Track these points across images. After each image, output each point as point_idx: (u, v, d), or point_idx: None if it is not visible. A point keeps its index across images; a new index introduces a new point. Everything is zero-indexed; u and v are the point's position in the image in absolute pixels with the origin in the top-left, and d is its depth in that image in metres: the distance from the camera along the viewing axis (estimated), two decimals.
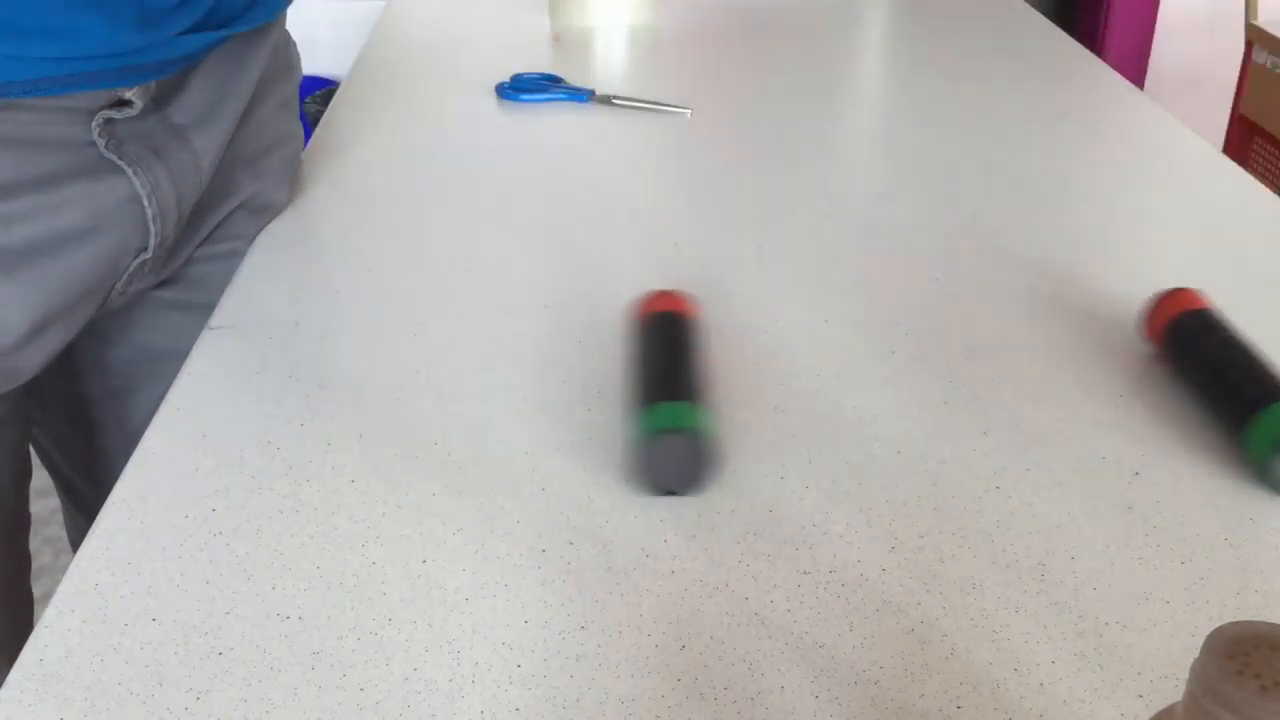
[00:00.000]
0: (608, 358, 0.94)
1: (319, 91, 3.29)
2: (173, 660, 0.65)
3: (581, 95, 1.45)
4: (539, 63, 1.58)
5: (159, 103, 0.94)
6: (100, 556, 0.72)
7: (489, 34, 1.75)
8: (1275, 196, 1.26)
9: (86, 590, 0.70)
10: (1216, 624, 0.57)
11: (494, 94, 1.48)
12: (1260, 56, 2.79)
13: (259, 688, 0.63)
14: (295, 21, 1.13)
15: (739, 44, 1.75)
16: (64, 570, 0.73)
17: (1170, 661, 0.67)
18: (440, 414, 0.86)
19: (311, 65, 3.20)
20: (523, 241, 1.11)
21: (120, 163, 0.91)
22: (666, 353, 0.87)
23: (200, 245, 1.05)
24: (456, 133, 1.38)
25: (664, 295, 0.93)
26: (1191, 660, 0.42)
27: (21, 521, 1.08)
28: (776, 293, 1.04)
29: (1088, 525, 0.77)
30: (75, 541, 1.30)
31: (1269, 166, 2.85)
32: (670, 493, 0.78)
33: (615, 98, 1.44)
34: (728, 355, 0.95)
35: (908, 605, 0.70)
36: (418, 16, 1.83)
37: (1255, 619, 0.48)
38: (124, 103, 0.91)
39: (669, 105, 1.43)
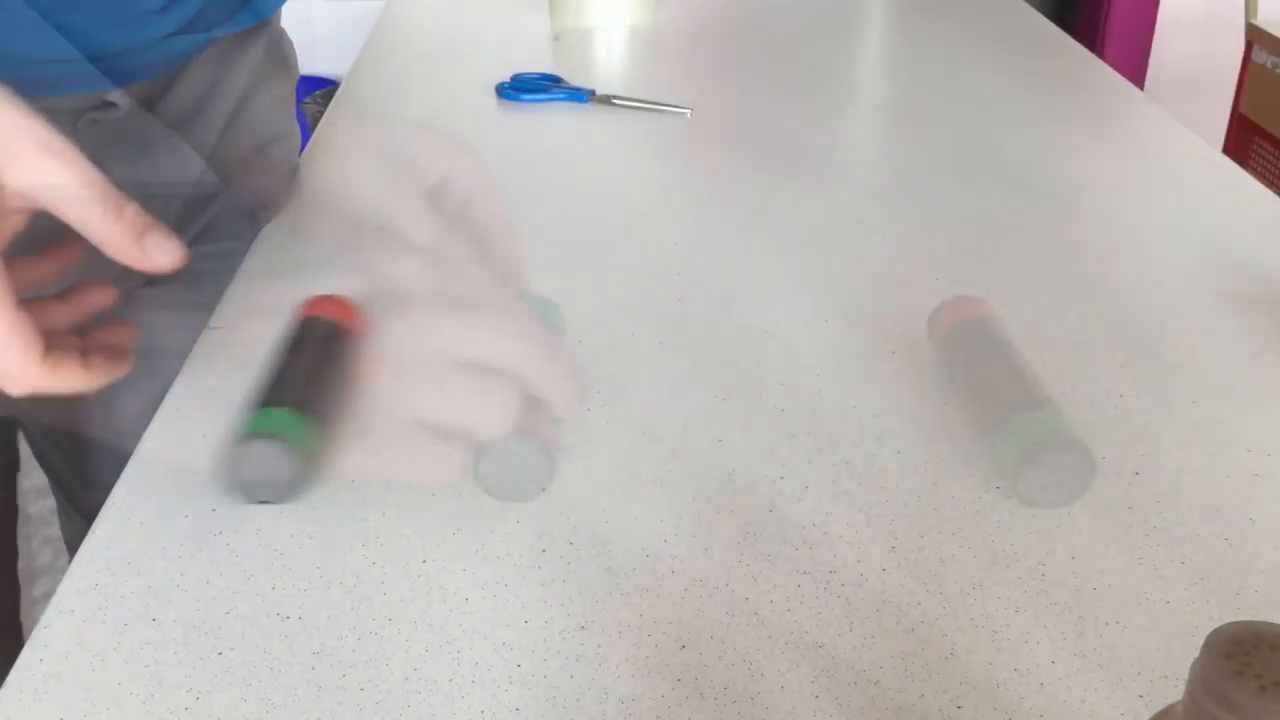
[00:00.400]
0: (608, 358, 0.94)
1: (318, 91, 3.30)
2: (173, 660, 0.65)
3: (581, 95, 1.45)
4: (539, 63, 1.58)
5: (146, 103, 0.94)
6: (100, 556, 0.72)
7: (489, 34, 1.75)
8: (1275, 196, 1.25)
9: (86, 590, 0.70)
10: (1216, 624, 0.53)
11: (494, 94, 1.48)
12: (1260, 56, 2.79)
13: (259, 688, 0.63)
14: (293, 21, 1.13)
15: (739, 44, 1.75)
16: (64, 570, 0.73)
17: (1170, 661, 0.67)
18: None
19: (311, 65, 3.22)
20: (526, 242, 1.11)
21: (106, 163, 0.91)
22: (294, 359, 0.83)
23: (191, 244, 1.05)
24: (456, 133, 1.37)
25: (324, 300, 0.88)
26: (1191, 660, 0.41)
27: (9, 514, 1.08)
28: (777, 292, 1.04)
29: (1088, 525, 0.77)
30: (71, 541, 1.30)
31: (1269, 166, 2.82)
32: (262, 501, 0.76)
33: (615, 98, 1.44)
34: (728, 355, 0.95)
35: (908, 605, 0.70)
36: (418, 16, 1.83)
37: (1255, 619, 0.48)
38: (109, 104, 0.91)
39: (669, 105, 1.43)
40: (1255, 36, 2.80)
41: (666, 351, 0.95)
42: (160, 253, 0.76)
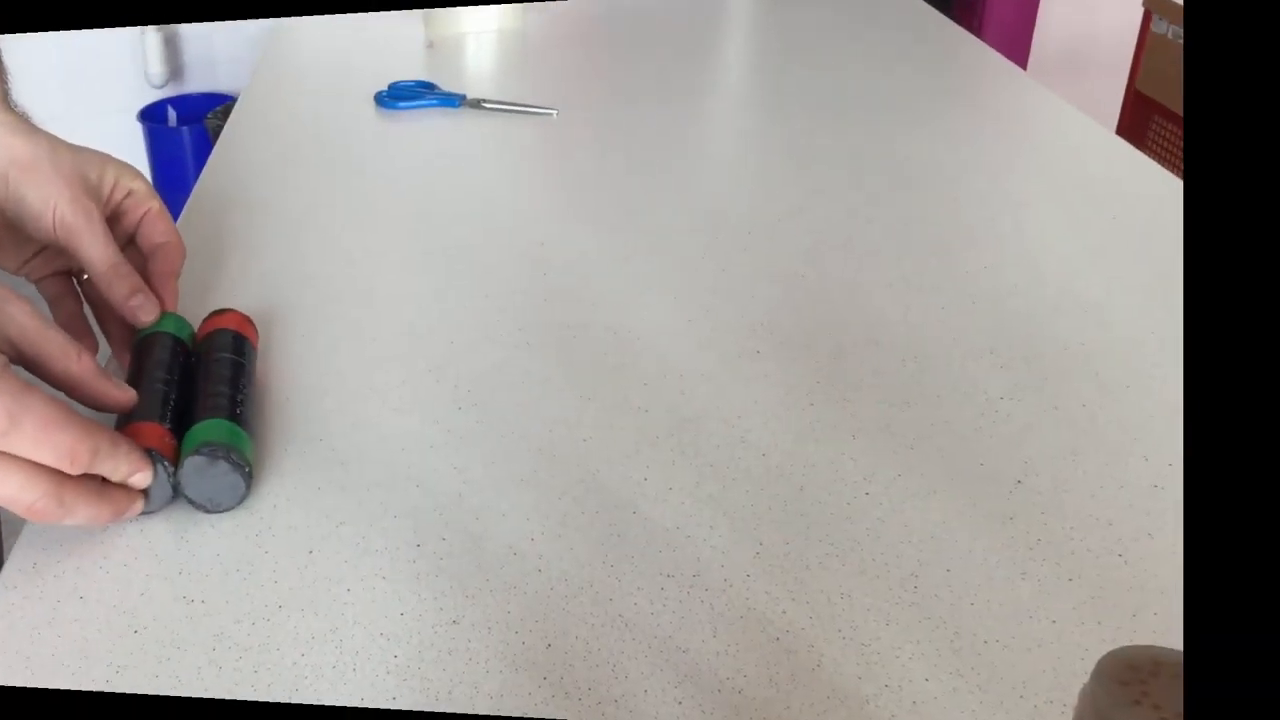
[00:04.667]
0: (480, 357, 0.98)
1: (219, 107, 3.41)
2: (96, 636, 0.70)
3: (454, 100, 1.51)
4: (415, 70, 1.63)
5: None
6: (39, 538, 0.77)
7: (369, 45, 1.79)
8: (1173, 177, 1.25)
9: (26, 569, 0.75)
10: (1109, 647, 0.48)
11: (373, 103, 1.53)
12: (1159, 26, 2.66)
13: (168, 665, 0.68)
14: (196, 40, 1.16)
15: (605, 44, 1.81)
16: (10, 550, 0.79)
17: (1057, 685, 0.67)
18: (325, 412, 0.90)
19: (213, 82, 3.44)
20: (400, 244, 1.17)
21: None
22: (212, 371, 0.87)
23: None
24: (338, 141, 1.43)
25: (224, 314, 0.92)
26: (1081, 685, 0.40)
27: None
28: (642, 292, 1.07)
29: (964, 536, 0.77)
30: None
31: (1168, 145, 2.63)
32: (222, 509, 0.80)
33: (485, 101, 1.50)
34: (593, 356, 0.97)
35: (773, 613, 0.72)
36: (306, 31, 1.86)
37: (1151, 643, 0.43)
38: None
39: (535, 107, 1.48)
40: (1153, 5, 2.67)
41: (534, 351, 0.98)
42: (144, 313, 0.89)
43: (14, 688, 0.63)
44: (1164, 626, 0.71)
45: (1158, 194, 1.23)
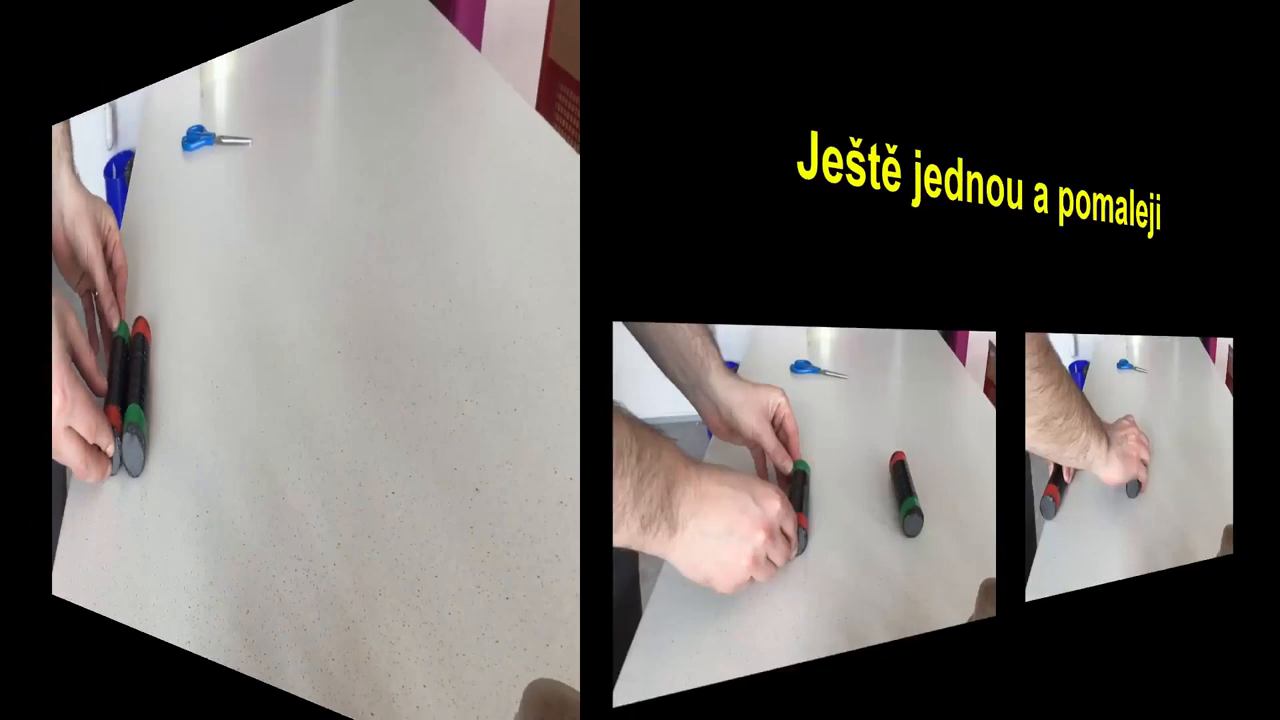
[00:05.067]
0: (227, 355, 1.18)
1: (129, 160, 3.51)
2: (89, 568, 0.91)
3: (210, 139, 1.74)
4: (199, 117, 1.76)
5: None
6: (75, 494, 0.96)
7: (194, 99, 1.85)
8: (572, 151, 1.16)
9: (71, 518, 0.91)
10: (533, 676, 0.52)
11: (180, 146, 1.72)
12: None
13: (115, 596, 0.91)
14: (122, 109, 1.53)
15: (287, 78, 1.77)
16: None
17: (498, 711, 0.69)
18: (157, 403, 1.09)
19: (130, 142, 3.37)
20: (185, 262, 1.35)
21: None
22: (135, 365, 1.12)
23: None
24: (166, 181, 1.62)
25: (139, 319, 1.19)
26: (515, 713, 0.39)
27: None
28: (282, 297, 1.23)
29: (445, 543, 0.79)
30: None
31: (574, 118, 1.66)
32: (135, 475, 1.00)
33: (223, 138, 1.73)
34: (251, 357, 1.15)
35: (346, 600, 0.80)
36: (160, 94, 1.93)
37: (560, 679, 0.42)
38: None
39: (239, 138, 1.70)
40: None
41: (238, 353, 1.18)
42: (114, 320, 1.13)
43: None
44: (571, 661, 0.69)
45: (565, 174, 1.11)
